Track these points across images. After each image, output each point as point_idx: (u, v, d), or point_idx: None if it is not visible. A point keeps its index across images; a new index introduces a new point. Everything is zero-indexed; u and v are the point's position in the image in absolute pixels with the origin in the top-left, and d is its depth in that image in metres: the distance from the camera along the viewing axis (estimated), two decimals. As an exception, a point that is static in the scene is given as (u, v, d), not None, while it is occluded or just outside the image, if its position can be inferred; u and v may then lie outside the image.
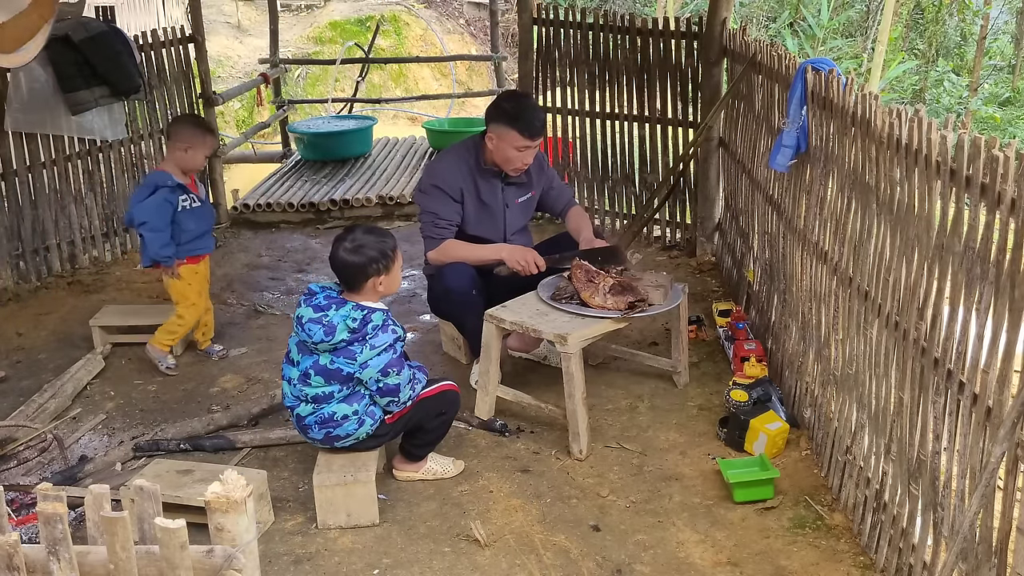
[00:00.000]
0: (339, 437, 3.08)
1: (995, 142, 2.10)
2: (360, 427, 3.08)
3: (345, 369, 2.99)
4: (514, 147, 3.73)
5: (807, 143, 3.43)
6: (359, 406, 3.06)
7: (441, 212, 3.85)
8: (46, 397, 3.94)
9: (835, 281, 3.15)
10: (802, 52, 10.97)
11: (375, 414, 3.10)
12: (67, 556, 1.63)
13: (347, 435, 3.08)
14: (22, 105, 5.17)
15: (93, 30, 5.46)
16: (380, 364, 3.00)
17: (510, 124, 3.67)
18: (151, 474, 3.09)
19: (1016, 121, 11.71)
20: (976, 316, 2.21)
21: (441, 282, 3.83)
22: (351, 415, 3.05)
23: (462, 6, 15.46)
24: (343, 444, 3.11)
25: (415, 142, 8.33)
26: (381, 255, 3.03)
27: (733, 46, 4.96)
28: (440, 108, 11.83)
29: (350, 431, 3.07)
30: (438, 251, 3.87)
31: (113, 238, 5.84)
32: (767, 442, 3.38)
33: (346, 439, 3.09)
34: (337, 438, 3.09)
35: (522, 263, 3.79)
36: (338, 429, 3.06)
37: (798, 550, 2.92)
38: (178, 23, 10.87)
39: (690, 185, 5.59)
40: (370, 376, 3.02)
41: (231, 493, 1.60)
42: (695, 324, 4.40)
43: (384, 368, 3.01)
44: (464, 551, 2.96)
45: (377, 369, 3.00)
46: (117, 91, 5.55)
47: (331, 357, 3.00)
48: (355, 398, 3.05)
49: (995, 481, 2.12)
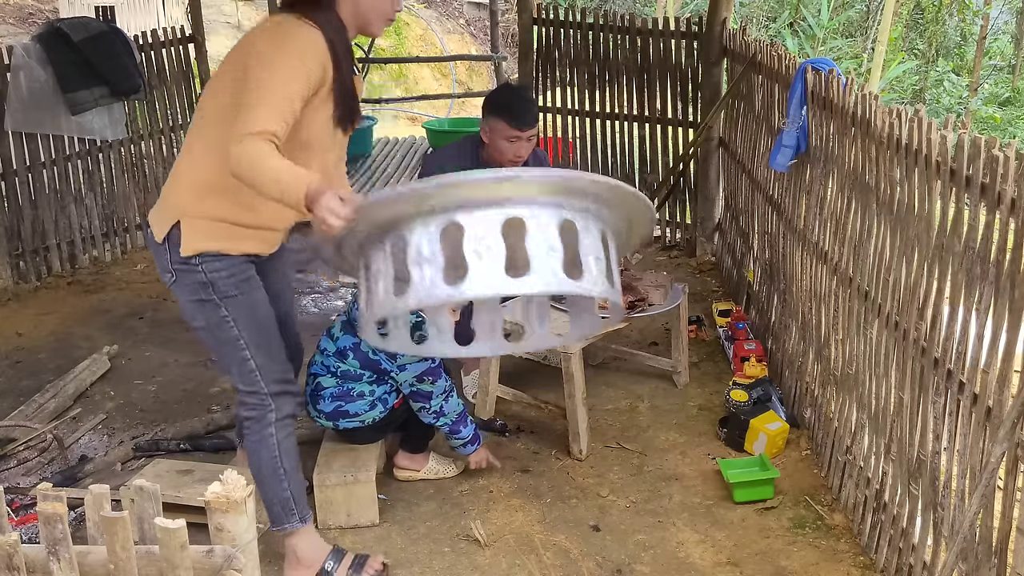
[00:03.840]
0: (347, 414, 3.09)
1: (995, 142, 2.10)
2: (371, 410, 3.09)
3: (383, 365, 3.06)
4: (504, 137, 3.73)
5: (807, 143, 3.43)
6: (378, 389, 3.09)
7: None
8: (46, 397, 3.94)
9: (835, 281, 3.15)
10: (802, 52, 10.97)
11: (388, 402, 3.12)
12: (67, 556, 1.63)
13: (355, 414, 3.09)
14: (22, 105, 5.17)
15: (93, 30, 5.46)
16: (417, 371, 3.06)
17: (499, 114, 3.68)
18: (151, 474, 3.09)
19: (1016, 121, 11.72)
20: (976, 316, 2.21)
21: None
22: (367, 394, 3.08)
23: (462, 6, 15.46)
24: (347, 424, 3.11)
25: (415, 142, 8.34)
26: None
27: (733, 46, 4.96)
28: (440, 108, 11.83)
29: (360, 410, 3.08)
30: None
31: (113, 238, 5.84)
32: (767, 442, 3.38)
33: (353, 418, 3.10)
34: (345, 414, 3.09)
35: None
36: (349, 404, 3.08)
37: (798, 550, 2.92)
38: (178, 23, 10.85)
39: (690, 185, 5.59)
40: (406, 379, 3.07)
41: (231, 493, 1.60)
42: (695, 324, 4.40)
43: (421, 374, 3.06)
44: (464, 551, 2.96)
45: (413, 374, 3.06)
46: (117, 91, 5.55)
47: (372, 348, 3.03)
48: (378, 383, 3.10)
49: (995, 481, 2.12)
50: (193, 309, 2.59)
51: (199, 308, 2.57)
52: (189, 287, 2.54)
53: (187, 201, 2.51)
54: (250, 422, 2.68)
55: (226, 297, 2.55)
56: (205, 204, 2.50)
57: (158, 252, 2.57)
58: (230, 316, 2.57)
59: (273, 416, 2.66)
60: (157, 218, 2.57)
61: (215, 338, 2.62)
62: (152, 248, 2.60)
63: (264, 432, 2.66)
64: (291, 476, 2.70)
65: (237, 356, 2.61)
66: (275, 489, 2.69)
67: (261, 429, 2.66)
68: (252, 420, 2.67)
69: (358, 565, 2.80)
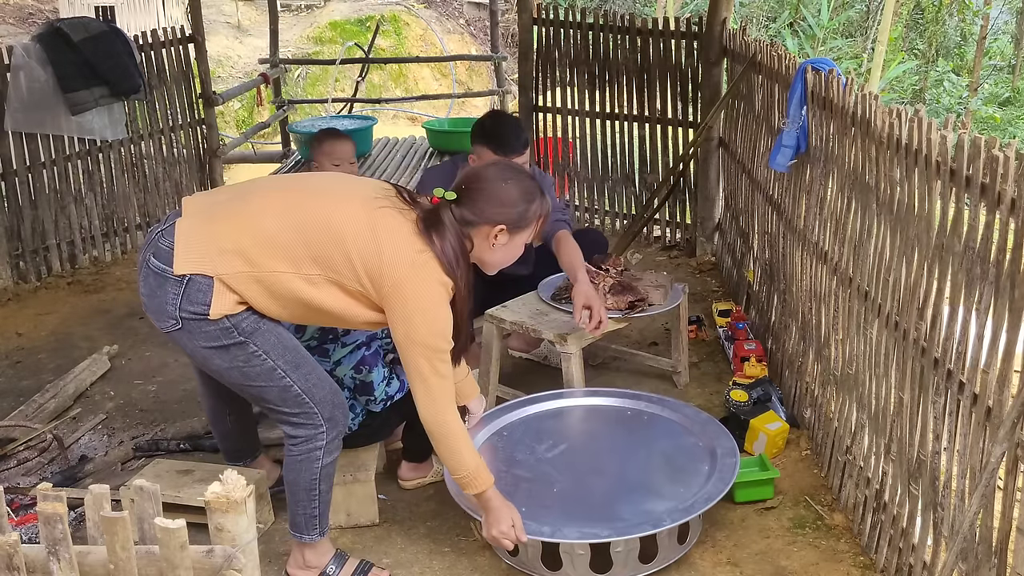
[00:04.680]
0: None
1: (995, 142, 2.09)
2: None
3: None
4: None
5: (807, 143, 3.43)
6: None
7: None
8: (46, 397, 3.94)
9: (835, 281, 3.15)
10: (802, 52, 10.98)
11: (355, 408, 3.09)
12: (67, 556, 1.63)
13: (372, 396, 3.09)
14: (22, 105, 5.18)
15: (93, 30, 5.47)
16: (352, 361, 3.01)
17: (486, 142, 3.66)
18: (151, 474, 3.09)
19: (1016, 121, 11.72)
20: (976, 316, 2.21)
21: None
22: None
23: (462, 6, 15.46)
24: None
25: (415, 142, 8.33)
26: None
27: (733, 46, 4.96)
28: (440, 108, 11.83)
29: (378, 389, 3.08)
30: None
31: (113, 238, 5.84)
32: (767, 442, 3.38)
33: None
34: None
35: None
36: None
37: (798, 550, 2.92)
38: (178, 23, 10.86)
39: (690, 185, 5.59)
40: (345, 373, 3.03)
41: (231, 493, 1.60)
42: (695, 324, 4.40)
43: (357, 365, 3.02)
44: (464, 551, 2.96)
45: (350, 366, 3.02)
46: (117, 91, 5.56)
47: None
48: None
49: (995, 481, 2.12)
50: (210, 354, 2.48)
51: (220, 353, 2.47)
52: (204, 335, 2.44)
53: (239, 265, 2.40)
54: (296, 440, 2.60)
55: (252, 333, 2.47)
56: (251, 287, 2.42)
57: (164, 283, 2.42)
58: (260, 350, 2.48)
59: (324, 439, 2.60)
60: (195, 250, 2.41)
61: (243, 375, 2.52)
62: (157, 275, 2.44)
63: (311, 454, 2.61)
64: (323, 496, 2.67)
65: (278, 386, 2.53)
66: (305, 505, 2.65)
67: (309, 451, 2.61)
68: (299, 439, 2.60)
69: (361, 572, 2.79)
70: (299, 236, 2.42)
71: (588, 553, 2.70)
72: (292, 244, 2.42)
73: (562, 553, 2.72)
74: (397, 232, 2.43)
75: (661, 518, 2.72)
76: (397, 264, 2.40)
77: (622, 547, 2.70)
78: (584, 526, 2.69)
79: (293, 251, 2.42)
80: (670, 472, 2.99)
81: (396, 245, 2.41)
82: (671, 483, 2.93)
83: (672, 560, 2.82)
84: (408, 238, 2.43)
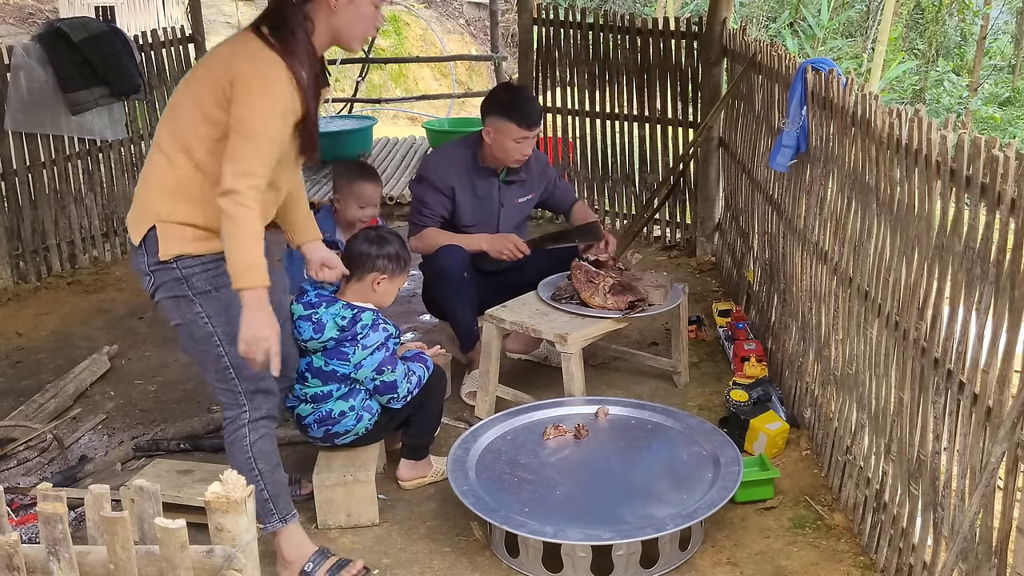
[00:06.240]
0: (338, 434, 3.09)
1: (995, 142, 2.09)
2: (359, 423, 3.08)
3: (340, 371, 3.02)
4: (512, 139, 3.73)
5: (807, 143, 3.43)
6: (355, 402, 3.06)
7: (428, 202, 3.86)
8: (46, 397, 3.94)
9: (835, 281, 3.15)
10: (802, 52, 10.98)
11: (372, 408, 3.10)
12: (67, 556, 1.63)
13: (346, 431, 3.09)
14: (22, 105, 5.18)
15: (93, 30, 5.46)
16: (374, 363, 3.02)
17: (507, 116, 3.67)
18: (151, 474, 3.09)
19: (1016, 121, 11.73)
20: (976, 316, 2.21)
21: (432, 263, 3.84)
22: (348, 411, 3.06)
23: (462, 6, 15.46)
24: (343, 441, 3.12)
25: (415, 142, 8.33)
26: (396, 257, 3.06)
27: (733, 46, 4.96)
28: (440, 108, 11.82)
29: (349, 427, 3.08)
30: (418, 237, 3.89)
31: (113, 238, 5.84)
32: (767, 442, 3.38)
33: (345, 435, 3.10)
34: (336, 435, 3.09)
35: (505, 251, 3.79)
36: (337, 426, 3.07)
37: (798, 550, 2.92)
38: (178, 23, 10.85)
39: (690, 185, 5.59)
40: (366, 376, 3.03)
41: (231, 493, 1.60)
42: (695, 324, 4.40)
43: (379, 367, 3.02)
44: (464, 551, 2.96)
45: (371, 368, 3.02)
46: (117, 91, 5.56)
47: (324, 359, 3.02)
48: (352, 395, 3.06)
49: (995, 481, 2.12)
50: (170, 306, 2.58)
51: (175, 305, 2.57)
52: (166, 284, 2.55)
53: (159, 205, 2.51)
54: (227, 421, 2.67)
55: (200, 293, 2.54)
56: (177, 209, 2.51)
57: (135, 255, 2.59)
58: (204, 312, 2.56)
59: (247, 417, 2.64)
60: (133, 220, 2.57)
61: (190, 335, 2.60)
62: (131, 251, 2.63)
63: (237, 433, 2.65)
64: (267, 478, 2.67)
65: (212, 353, 2.59)
66: None
67: (235, 430, 2.65)
68: (228, 420, 2.67)
69: (336, 568, 2.78)
70: (170, 136, 2.53)
71: (589, 555, 2.71)
72: (167, 149, 2.52)
73: (563, 555, 2.72)
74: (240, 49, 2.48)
75: (664, 522, 2.72)
76: (239, 64, 2.43)
77: (624, 550, 2.70)
78: (586, 528, 2.70)
79: (168, 155, 2.51)
80: (674, 479, 3.01)
81: (236, 54, 2.47)
82: (674, 489, 2.94)
83: (674, 567, 2.82)
84: (252, 44, 2.47)
